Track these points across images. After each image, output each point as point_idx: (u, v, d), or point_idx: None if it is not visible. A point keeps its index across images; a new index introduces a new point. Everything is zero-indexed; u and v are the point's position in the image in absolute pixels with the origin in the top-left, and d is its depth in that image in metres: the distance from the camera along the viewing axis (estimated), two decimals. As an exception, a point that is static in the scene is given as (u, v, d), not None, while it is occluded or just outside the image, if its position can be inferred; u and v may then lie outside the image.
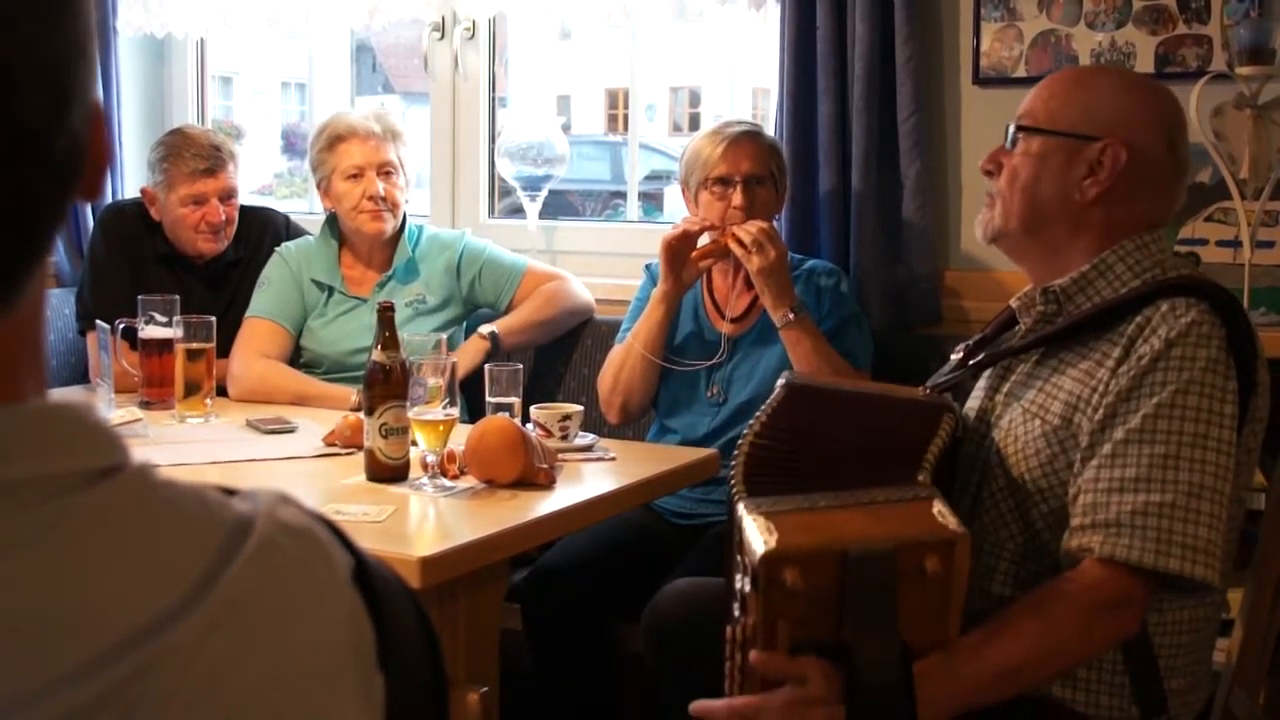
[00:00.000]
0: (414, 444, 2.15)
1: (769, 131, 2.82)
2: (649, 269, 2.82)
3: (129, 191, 3.35)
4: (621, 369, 2.72)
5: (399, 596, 0.67)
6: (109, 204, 3.35)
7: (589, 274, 3.19)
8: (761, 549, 1.39)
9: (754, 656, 1.44)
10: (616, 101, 11.83)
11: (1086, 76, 1.78)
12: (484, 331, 2.98)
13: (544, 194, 3.39)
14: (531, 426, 2.36)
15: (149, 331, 2.78)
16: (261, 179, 6.25)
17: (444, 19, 3.47)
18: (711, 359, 2.71)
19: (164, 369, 2.75)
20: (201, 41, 3.98)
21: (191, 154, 3.09)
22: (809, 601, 1.41)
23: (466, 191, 3.54)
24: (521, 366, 2.48)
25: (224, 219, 3.12)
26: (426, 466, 2.11)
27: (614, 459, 2.37)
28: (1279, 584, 1.86)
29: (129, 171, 3.74)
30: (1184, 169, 1.73)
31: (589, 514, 2.14)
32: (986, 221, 1.77)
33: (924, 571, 1.39)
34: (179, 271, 3.17)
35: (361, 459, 2.20)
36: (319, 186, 3.07)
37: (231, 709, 0.57)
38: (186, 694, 0.56)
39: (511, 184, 3.41)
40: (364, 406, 2.18)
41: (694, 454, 2.46)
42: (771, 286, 2.54)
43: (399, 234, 3.03)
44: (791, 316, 2.53)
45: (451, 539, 1.89)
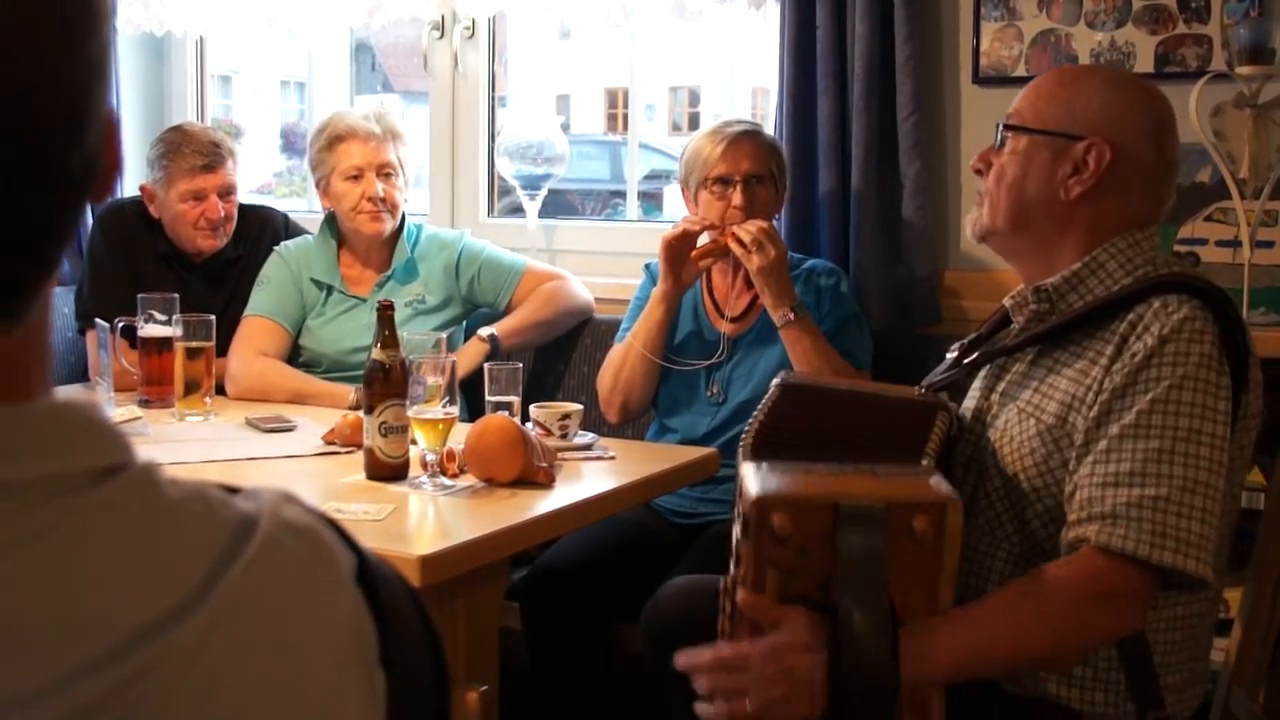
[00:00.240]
0: (413, 443, 2.15)
1: (769, 131, 2.82)
2: (648, 268, 2.82)
3: (128, 190, 3.35)
4: (621, 368, 2.72)
5: (401, 596, 0.68)
6: (108, 202, 3.35)
7: (588, 273, 3.19)
8: (756, 493, 1.43)
9: (741, 596, 1.47)
10: (616, 101, 11.83)
11: (1073, 76, 1.78)
12: (483, 334, 2.98)
13: (543, 193, 3.39)
14: (531, 425, 2.36)
15: (148, 330, 2.78)
16: (261, 178, 6.25)
17: (444, 18, 3.47)
18: (711, 358, 2.71)
19: (163, 367, 2.75)
20: (201, 40, 3.98)
21: (191, 150, 3.09)
22: (798, 552, 1.44)
23: (466, 190, 3.54)
24: (521, 365, 2.48)
25: (223, 215, 3.12)
26: (426, 465, 2.11)
27: (613, 458, 2.37)
28: (1278, 583, 1.86)
29: (128, 170, 3.73)
30: (1172, 168, 1.73)
31: (588, 513, 2.15)
32: (976, 220, 1.79)
33: (914, 532, 1.42)
34: (178, 270, 3.17)
35: (361, 457, 2.20)
36: (318, 186, 3.07)
37: (234, 708, 0.57)
38: (189, 693, 0.56)
39: (511, 183, 3.41)
40: (364, 405, 2.18)
41: (693, 453, 2.46)
42: (771, 286, 2.54)
43: (398, 234, 3.03)
44: (791, 316, 2.53)
45: (451, 538, 1.89)
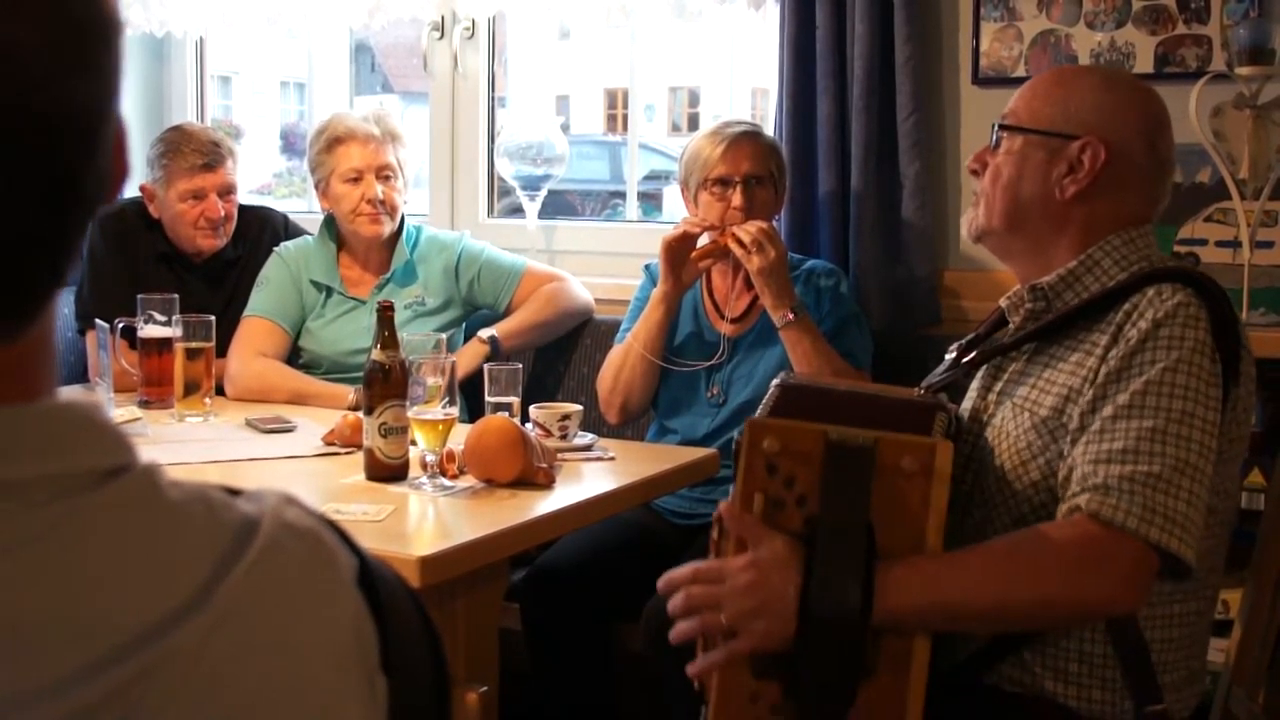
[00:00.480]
0: (413, 443, 2.15)
1: (768, 131, 2.82)
2: (648, 269, 2.82)
3: (128, 190, 3.35)
4: (621, 369, 2.72)
5: (402, 598, 0.68)
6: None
7: (588, 274, 3.19)
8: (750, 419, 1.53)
9: (723, 506, 1.52)
10: (615, 101, 11.84)
11: (1068, 76, 1.79)
12: (483, 335, 2.98)
13: (543, 194, 3.39)
14: (531, 426, 2.36)
15: (148, 330, 2.78)
16: (260, 178, 6.25)
17: (443, 18, 3.47)
18: (711, 359, 2.71)
19: (163, 368, 2.75)
20: (201, 40, 3.98)
21: (191, 149, 3.09)
22: (786, 482, 1.48)
23: (465, 191, 3.54)
24: (521, 366, 2.48)
25: (223, 214, 3.12)
26: (426, 466, 2.11)
27: (613, 458, 2.37)
28: (1278, 583, 1.86)
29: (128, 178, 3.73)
30: (1166, 167, 1.74)
31: (588, 513, 2.15)
32: (971, 220, 1.79)
33: (901, 470, 1.46)
34: (178, 270, 3.17)
35: (361, 458, 2.20)
36: (317, 187, 3.06)
37: (235, 709, 0.58)
38: (191, 694, 0.56)
39: (511, 184, 3.41)
40: (363, 406, 2.18)
41: (693, 454, 2.46)
42: (771, 286, 2.54)
43: (397, 236, 3.02)
44: (791, 317, 2.53)
45: (451, 538, 1.89)
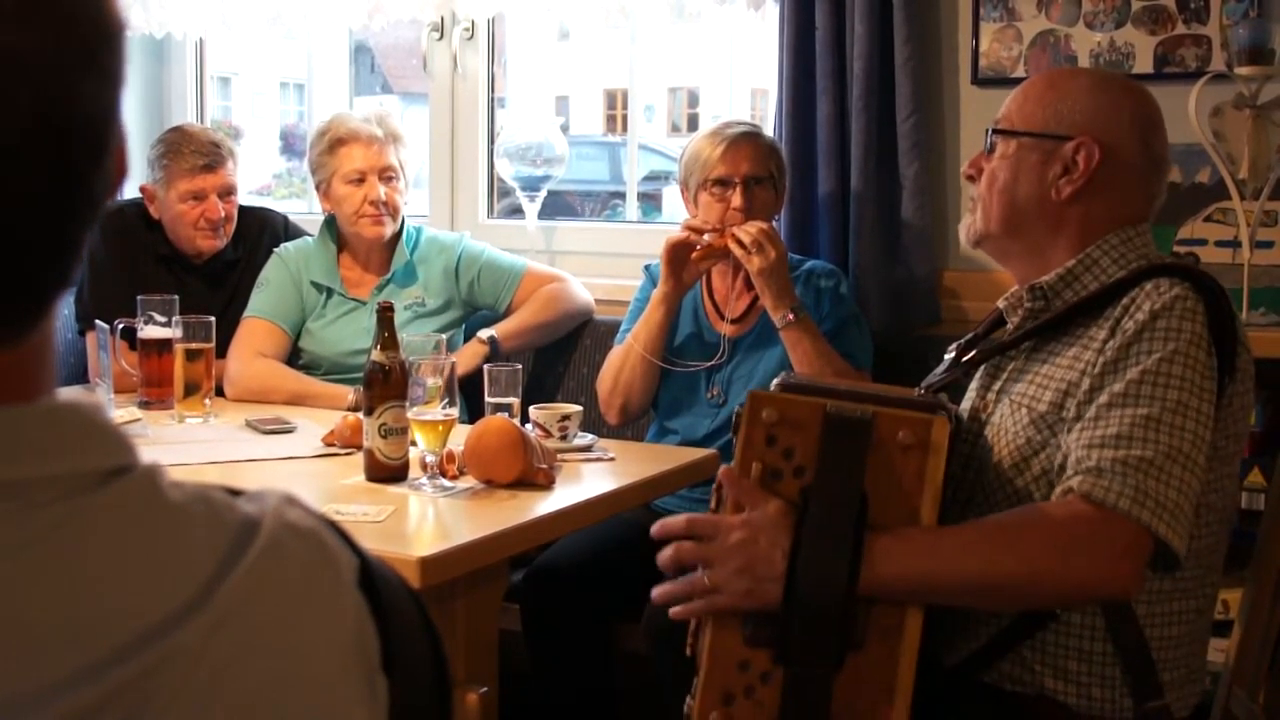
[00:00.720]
0: (413, 444, 2.15)
1: (768, 132, 2.82)
2: (648, 270, 2.82)
3: (128, 191, 3.35)
4: (621, 370, 2.72)
5: (403, 599, 0.68)
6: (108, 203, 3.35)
7: (588, 274, 3.19)
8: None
9: (723, 470, 1.56)
10: (615, 102, 11.84)
11: (1059, 78, 1.80)
12: (483, 336, 2.98)
13: (543, 194, 3.39)
14: (531, 427, 2.36)
15: (148, 331, 2.78)
16: (260, 179, 6.25)
17: (443, 19, 3.47)
18: (711, 360, 2.71)
19: (163, 369, 2.75)
20: (200, 42, 3.98)
21: (191, 150, 3.09)
22: (784, 452, 1.53)
23: (465, 192, 3.54)
24: (521, 367, 2.48)
25: (223, 215, 3.12)
26: (426, 466, 2.11)
27: (613, 459, 2.37)
28: (1278, 584, 1.86)
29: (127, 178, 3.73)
30: (1161, 164, 1.74)
31: (588, 514, 2.14)
32: (969, 226, 1.80)
33: (898, 443, 1.50)
34: (178, 271, 3.17)
35: (360, 459, 2.20)
36: (318, 189, 3.06)
37: (237, 709, 0.58)
38: (192, 694, 0.56)
39: (510, 184, 3.41)
40: (363, 407, 2.18)
41: (693, 454, 2.46)
42: (771, 287, 2.54)
43: (397, 237, 3.03)
44: (792, 317, 2.53)
45: (450, 539, 1.89)
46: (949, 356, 1.85)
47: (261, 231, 3.25)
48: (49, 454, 0.58)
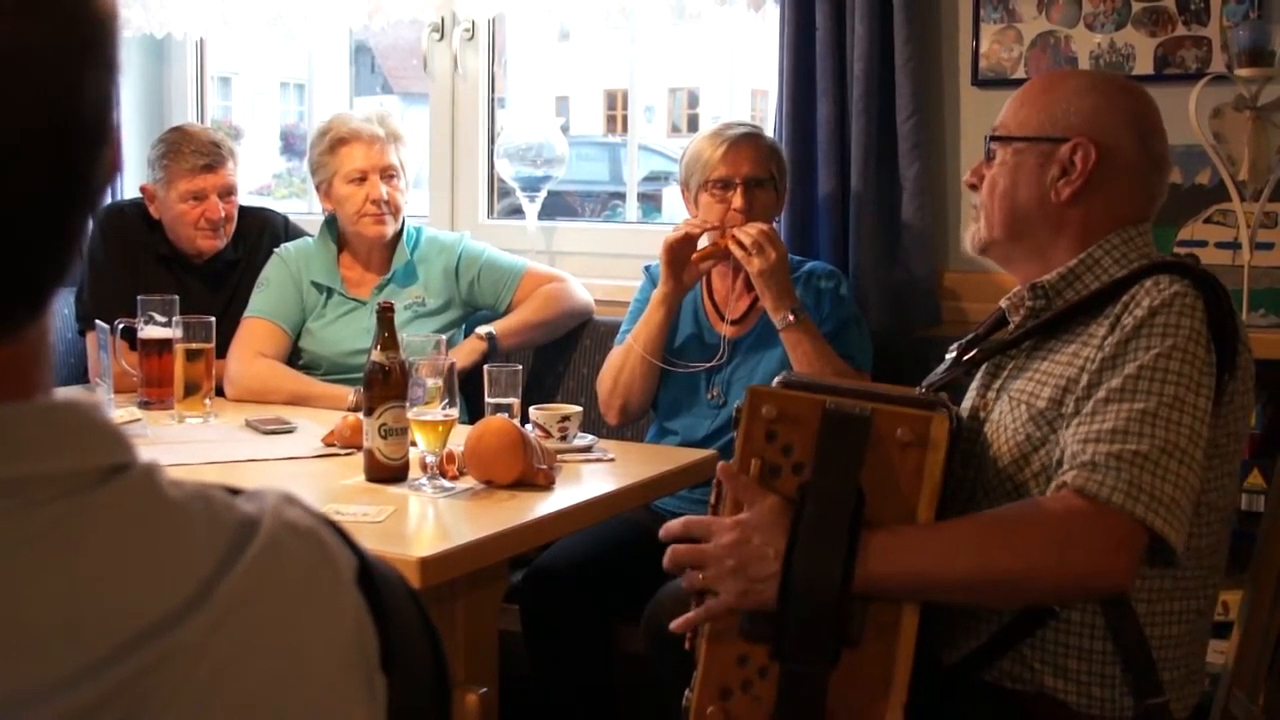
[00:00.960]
0: (413, 444, 2.15)
1: (768, 133, 2.82)
2: (648, 270, 2.82)
3: (129, 191, 3.35)
4: (621, 370, 2.72)
5: (402, 597, 0.68)
6: (108, 204, 3.35)
7: (588, 275, 3.19)
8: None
9: (721, 466, 1.58)
10: (615, 102, 11.84)
11: (1053, 81, 1.80)
12: (481, 332, 2.98)
13: (543, 195, 3.39)
14: (530, 427, 2.36)
15: (148, 331, 2.78)
16: (260, 179, 6.25)
17: (443, 20, 3.47)
18: (711, 361, 2.71)
19: (163, 369, 2.75)
20: (201, 42, 3.98)
21: (191, 150, 3.09)
22: (783, 448, 1.54)
23: (465, 192, 3.54)
24: (521, 367, 2.48)
25: (223, 215, 3.12)
26: (426, 467, 2.11)
27: (613, 460, 2.37)
28: (1278, 585, 1.86)
29: (128, 172, 3.73)
30: (1160, 161, 1.74)
31: (588, 515, 2.15)
32: (974, 234, 1.82)
33: (896, 440, 1.50)
34: (178, 271, 3.17)
35: (360, 459, 2.20)
36: (319, 189, 3.06)
37: (236, 707, 0.58)
38: (191, 692, 0.56)
39: (510, 185, 3.41)
40: (363, 407, 2.18)
41: (693, 455, 2.46)
42: (772, 288, 2.54)
43: (398, 236, 3.03)
44: (792, 318, 2.53)
45: (450, 540, 1.89)
46: (950, 356, 1.85)
47: (262, 232, 3.25)
48: (48, 451, 0.58)
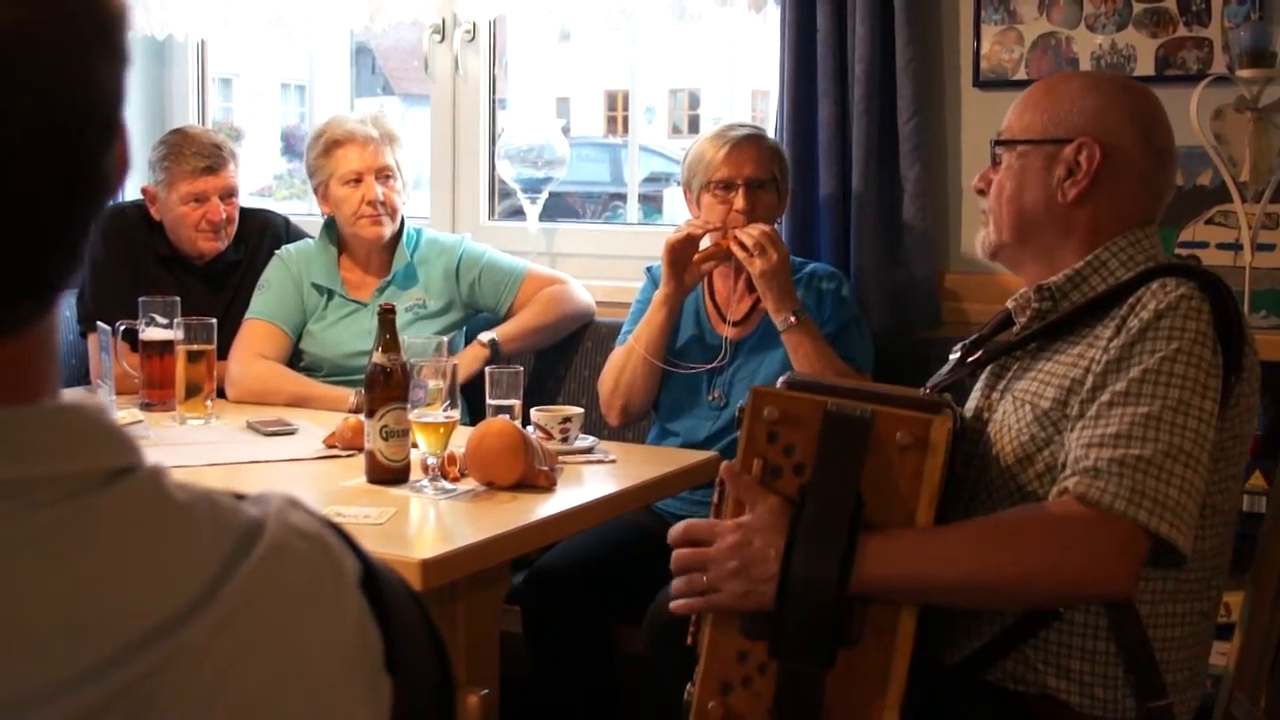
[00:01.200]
0: (414, 446, 2.15)
1: (770, 134, 2.82)
2: (650, 271, 2.82)
3: (130, 193, 3.35)
4: (622, 371, 2.72)
5: (405, 600, 0.68)
6: (110, 205, 3.35)
7: (589, 276, 3.19)
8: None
9: (724, 466, 1.59)
10: (616, 103, 11.85)
11: (1054, 83, 1.81)
12: (483, 339, 2.98)
13: (544, 196, 3.39)
14: (532, 429, 2.36)
15: (150, 333, 2.78)
16: (261, 180, 6.25)
17: (444, 21, 3.47)
18: (713, 362, 2.71)
19: (164, 370, 2.75)
20: (202, 43, 3.99)
21: (193, 152, 3.09)
22: (784, 449, 1.55)
23: (466, 193, 3.54)
24: (522, 369, 2.48)
25: (224, 217, 3.12)
26: (427, 469, 2.11)
27: (614, 461, 2.37)
28: (1279, 587, 1.86)
29: (131, 172, 3.73)
30: (1165, 158, 1.74)
31: (589, 516, 2.14)
32: (984, 239, 1.82)
33: (896, 443, 1.51)
34: (179, 273, 3.17)
35: (362, 461, 2.20)
36: (316, 192, 3.06)
37: (240, 708, 0.58)
38: (196, 693, 0.57)
39: (511, 186, 3.41)
40: (365, 409, 2.18)
41: (694, 456, 2.46)
42: (773, 289, 2.54)
43: (397, 238, 3.03)
44: (793, 320, 2.53)
45: (452, 541, 1.89)
46: (954, 356, 1.85)
47: (263, 233, 3.25)
48: (53, 453, 0.58)
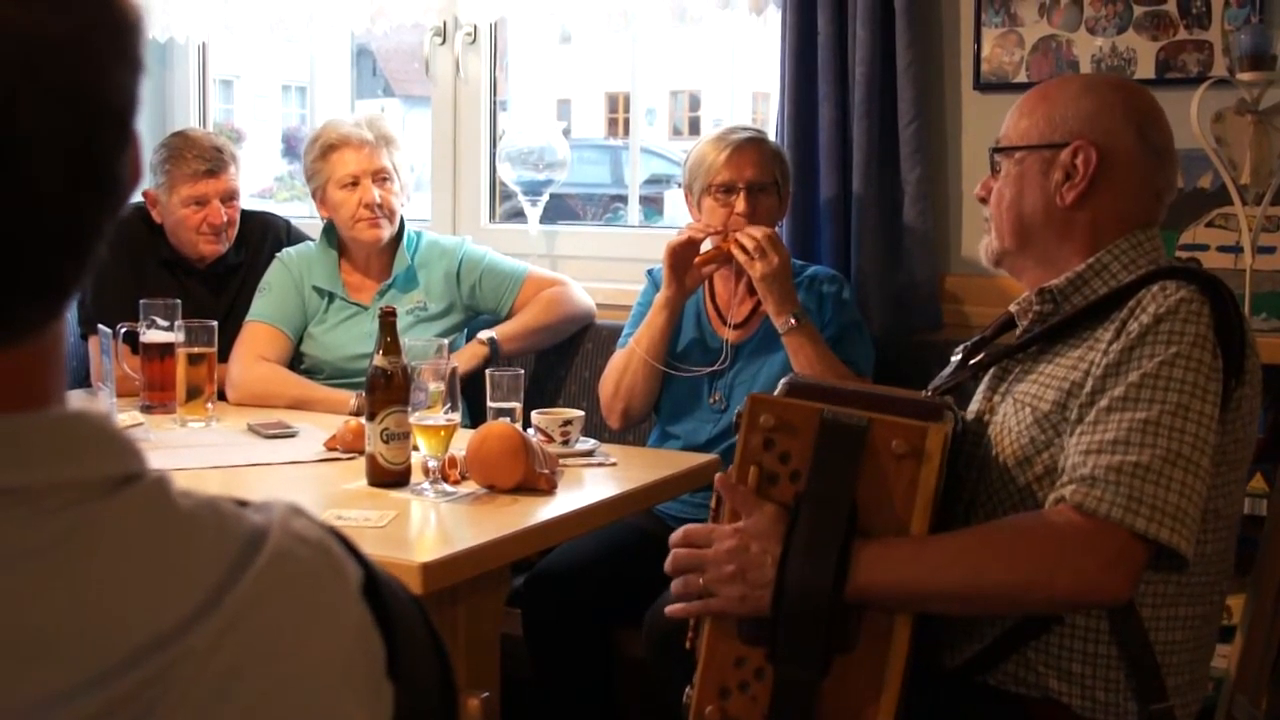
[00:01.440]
0: (415, 449, 2.15)
1: (772, 137, 2.82)
2: (651, 274, 2.82)
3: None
4: (623, 374, 2.72)
5: (407, 607, 0.68)
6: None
7: (590, 279, 3.19)
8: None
9: (719, 477, 1.60)
10: (617, 105, 11.86)
11: (1049, 88, 1.81)
12: (483, 337, 2.98)
13: (545, 199, 3.39)
14: (533, 431, 2.36)
15: (150, 336, 2.78)
16: (262, 182, 6.26)
17: (445, 23, 3.47)
18: (713, 365, 2.71)
19: (165, 373, 2.75)
20: (203, 45, 3.99)
21: (193, 155, 3.09)
22: (780, 456, 1.55)
23: (467, 196, 3.54)
24: (523, 371, 2.48)
25: (225, 220, 3.12)
26: (428, 471, 2.12)
27: (615, 464, 2.37)
28: (1280, 590, 1.86)
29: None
30: (1163, 156, 1.74)
31: (590, 519, 2.15)
32: (987, 246, 1.83)
33: (891, 451, 1.51)
34: (180, 275, 3.17)
35: (363, 464, 2.20)
36: (314, 195, 3.07)
37: (243, 714, 0.58)
38: (200, 699, 0.57)
39: (512, 188, 3.41)
40: (365, 411, 2.18)
41: (695, 459, 2.46)
42: (774, 292, 2.54)
43: (397, 241, 3.03)
44: (794, 323, 2.53)
45: (453, 544, 1.89)
46: (956, 359, 1.85)
47: (264, 236, 3.25)
48: (59, 461, 0.58)
